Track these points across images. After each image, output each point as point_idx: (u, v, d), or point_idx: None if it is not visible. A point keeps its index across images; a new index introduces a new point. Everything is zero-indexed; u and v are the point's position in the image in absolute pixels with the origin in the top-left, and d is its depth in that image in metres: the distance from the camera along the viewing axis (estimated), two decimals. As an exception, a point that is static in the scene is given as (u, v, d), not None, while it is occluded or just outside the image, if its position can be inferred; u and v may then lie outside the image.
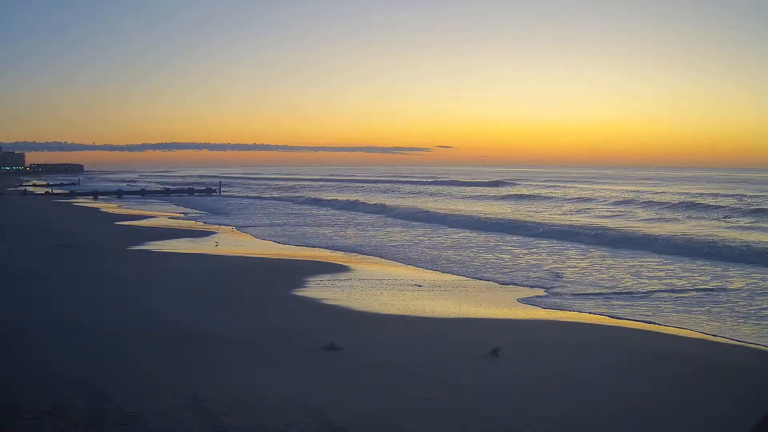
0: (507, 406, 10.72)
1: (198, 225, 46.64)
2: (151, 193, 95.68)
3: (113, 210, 61.73)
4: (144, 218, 51.59)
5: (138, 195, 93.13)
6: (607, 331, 16.22)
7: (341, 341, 13.97)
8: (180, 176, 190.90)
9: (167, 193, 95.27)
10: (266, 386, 11.39)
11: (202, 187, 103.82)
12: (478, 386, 11.79)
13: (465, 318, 17.74)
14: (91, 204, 73.65)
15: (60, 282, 21.72)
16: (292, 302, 19.56)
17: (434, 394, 11.21)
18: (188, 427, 9.44)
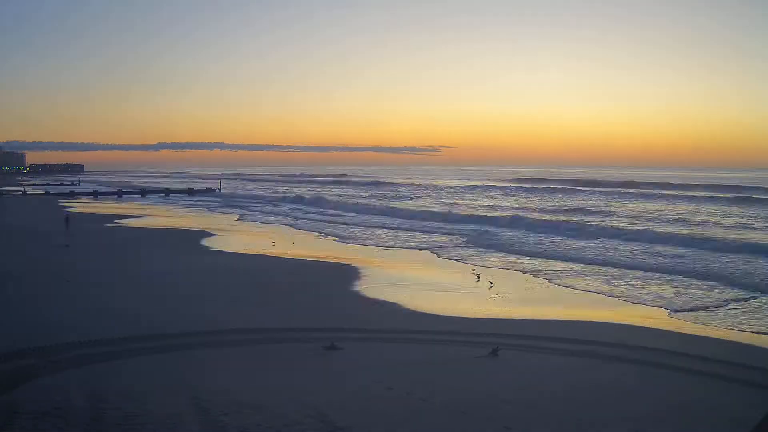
0: (507, 406, 10.71)
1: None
2: (151, 193, 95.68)
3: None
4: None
5: (137, 195, 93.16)
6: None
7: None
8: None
9: (167, 193, 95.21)
10: (266, 386, 11.38)
11: (203, 187, 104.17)
12: (478, 386, 11.81)
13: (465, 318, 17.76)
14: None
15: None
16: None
17: (434, 394, 11.20)
18: (188, 427, 9.44)
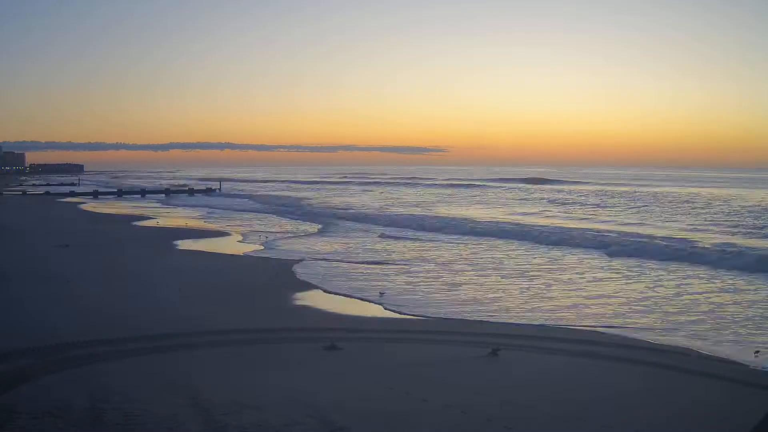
0: (507, 406, 10.72)
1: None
2: (152, 193, 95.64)
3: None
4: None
5: (138, 195, 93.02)
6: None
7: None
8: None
9: (167, 193, 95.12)
10: (266, 386, 11.39)
11: (202, 187, 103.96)
12: (478, 386, 11.81)
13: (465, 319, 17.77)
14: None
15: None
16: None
17: (434, 394, 11.21)
18: (188, 427, 9.44)
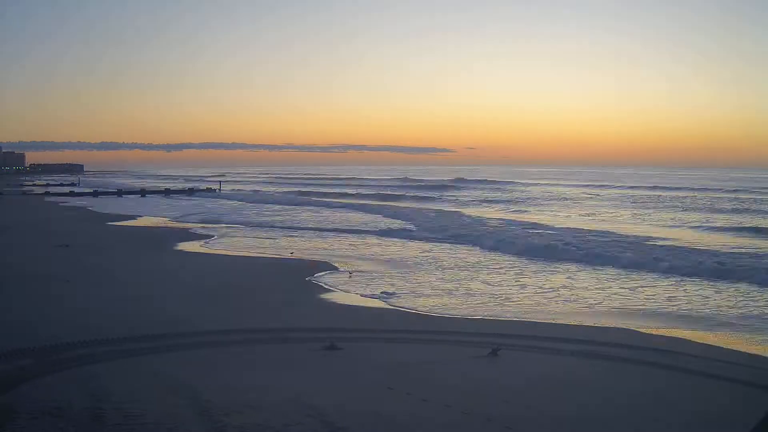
0: (507, 406, 10.72)
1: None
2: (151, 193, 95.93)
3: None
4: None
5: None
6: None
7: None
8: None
9: (167, 193, 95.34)
10: (266, 386, 11.39)
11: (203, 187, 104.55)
12: (478, 386, 11.81)
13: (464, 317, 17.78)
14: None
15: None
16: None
17: (434, 394, 11.22)
18: (188, 427, 9.44)
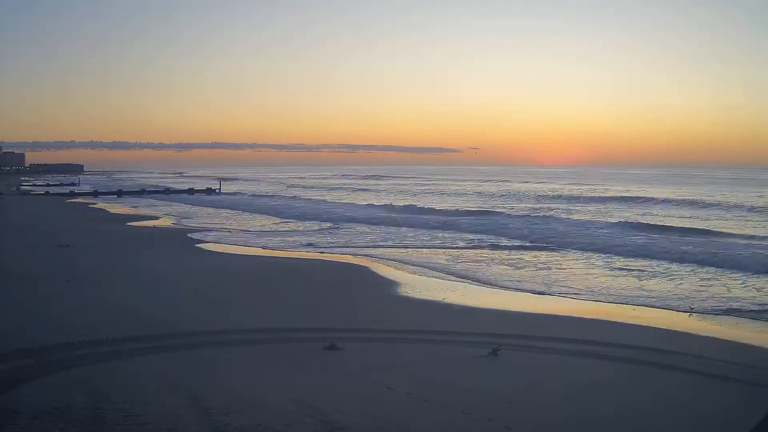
0: (507, 406, 10.72)
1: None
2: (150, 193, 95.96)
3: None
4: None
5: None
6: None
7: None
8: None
9: (167, 192, 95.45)
10: (266, 386, 11.39)
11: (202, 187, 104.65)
12: (478, 386, 11.81)
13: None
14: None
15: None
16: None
17: (434, 394, 11.21)
18: (188, 427, 9.43)
